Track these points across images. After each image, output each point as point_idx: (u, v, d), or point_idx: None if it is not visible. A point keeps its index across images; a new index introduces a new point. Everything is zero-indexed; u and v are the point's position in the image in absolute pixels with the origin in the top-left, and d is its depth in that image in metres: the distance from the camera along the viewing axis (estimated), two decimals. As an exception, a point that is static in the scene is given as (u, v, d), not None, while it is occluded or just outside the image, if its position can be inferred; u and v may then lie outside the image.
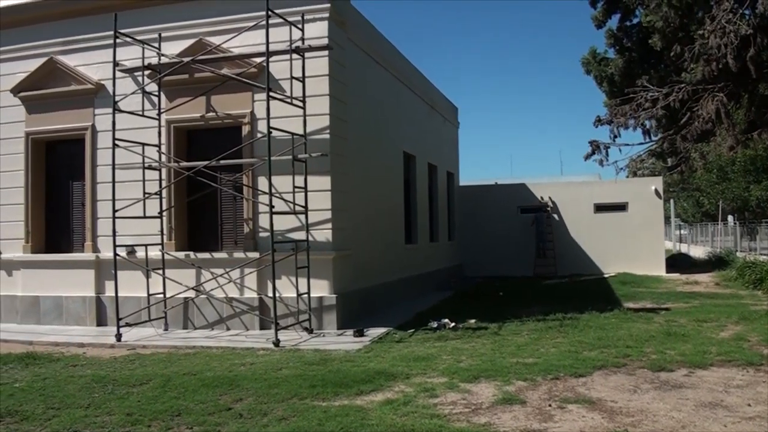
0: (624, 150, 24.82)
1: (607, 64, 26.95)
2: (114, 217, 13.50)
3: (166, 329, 14.05)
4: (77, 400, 8.34)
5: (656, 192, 27.15)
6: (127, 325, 13.60)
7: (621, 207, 27.47)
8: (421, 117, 22.50)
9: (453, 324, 13.41)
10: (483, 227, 28.56)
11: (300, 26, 13.45)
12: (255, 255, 13.58)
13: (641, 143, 25.25)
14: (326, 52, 13.50)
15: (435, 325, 13.42)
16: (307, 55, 13.43)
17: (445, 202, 25.91)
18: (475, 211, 28.74)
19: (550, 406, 7.50)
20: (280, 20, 13.10)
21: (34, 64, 15.69)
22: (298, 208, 13.23)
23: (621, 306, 16.07)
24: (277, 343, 11.76)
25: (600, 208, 27.74)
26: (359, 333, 12.55)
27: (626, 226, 27.06)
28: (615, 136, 23.68)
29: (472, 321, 13.83)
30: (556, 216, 28.17)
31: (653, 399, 7.75)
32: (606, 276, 25.42)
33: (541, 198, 28.28)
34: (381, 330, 13.09)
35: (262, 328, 13.56)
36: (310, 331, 13.11)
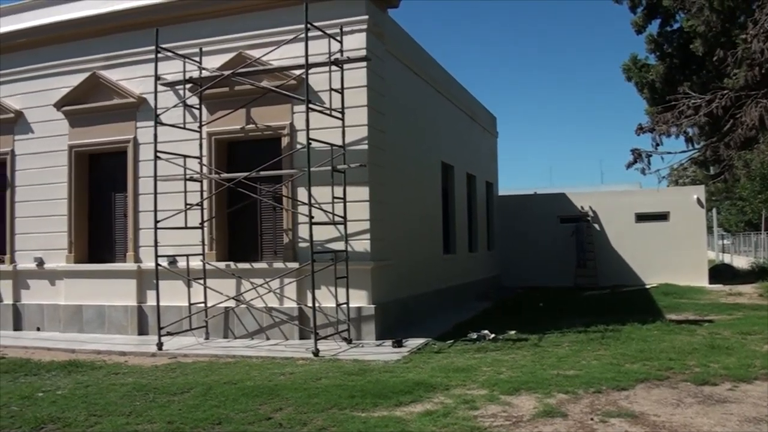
0: (666, 158, 24.42)
1: (648, 71, 26.52)
2: (156, 228, 13.73)
3: (206, 338, 14.21)
4: (119, 407, 8.46)
5: (698, 201, 26.67)
6: (169, 334, 13.79)
7: (662, 216, 27.02)
8: (460, 127, 22.46)
9: (493, 335, 13.32)
10: (522, 237, 28.33)
11: (338, 38, 13.55)
12: (294, 265, 13.67)
13: (683, 151, 24.77)
14: (364, 64, 13.57)
15: (474, 336, 13.33)
16: (345, 66, 13.52)
17: (484, 212, 25.77)
18: (515, 221, 28.52)
19: (592, 419, 7.38)
20: (319, 33, 13.21)
21: (77, 79, 16.08)
22: (337, 219, 13.30)
23: (663, 317, 15.81)
24: (316, 353, 11.81)
25: (641, 217, 27.31)
26: (398, 343, 12.52)
27: (668, 236, 26.59)
28: (657, 144, 23.28)
29: (512, 332, 13.72)
30: (596, 226, 27.82)
31: (696, 413, 7.58)
32: (648, 287, 24.99)
33: (582, 207, 27.96)
34: (420, 341, 13.05)
35: (301, 337, 13.63)
36: (348, 341, 13.14)
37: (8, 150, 16.98)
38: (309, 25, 12.62)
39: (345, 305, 13.26)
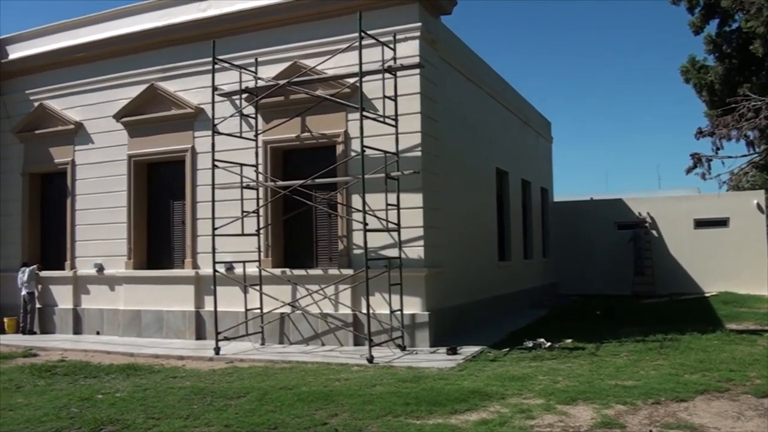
0: (727, 163, 23.76)
1: (706, 72, 25.86)
2: (213, 235, 13.98)
3: (262, 343, 14.39)
4: (177, 410, 8.62)
5: (759, 206, 25.85)
6: (225, 339, 14.01)
7: (722, 222, 26.31)
8: (514, 132, 22.29)
9: (549, 344, 13.15)
10: (578, 244, 27.91)
11: (392, 46, 13.61)
12: (349, 272, 13.75)
13: (744, 155, 24.13)
14: (417, 71, 13.60)
15: (530, 344, 13.19)
16: (398, 74, 13.56)
17: (539, 218, 25.48)
18: (571, 228, 28.10)
19: (650, 431, 7.23)
20: (372, 41, 13.30)
21: (135, 91, 16.56)
22: (391, 226, 13.33)
23: (723, 327, 15.37)
24: (371, 359, 11.84)
25: (700, 223, 26.63)
26: (452, 351, 12.47)
27: (727, 243, 25.86)
28: (717, 149, 22.75)
29: (569, 341, 13.53)
30: (654, 232, 27.23)
31: (758, 427, 7.34)
32: (707, 295, 24.32)
33: (639, 213, 27.40)
34: (474, 348, 12.96)
35: (355, 344, 13.69)
36: (403, 348, 13.13)
37: (69, 160, 17.59)
38: (362, 34, 12.72)
39: (399, 312, 13.28)
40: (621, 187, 63.26)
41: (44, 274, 17.60)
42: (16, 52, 18.73)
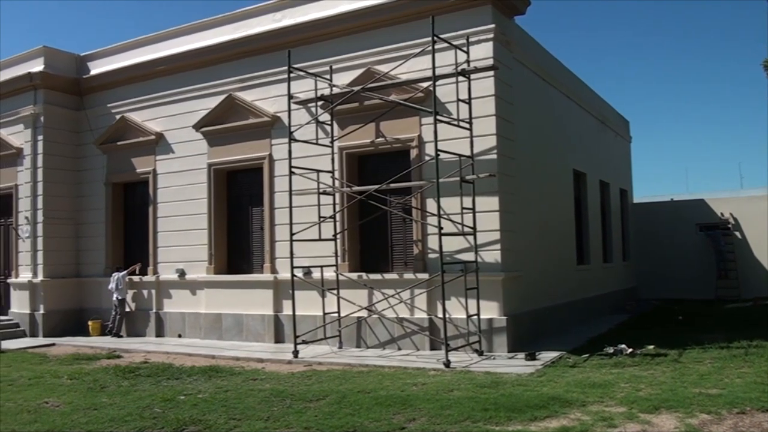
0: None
1: (789, 67, 24.73)
2: (291, 240, 14.20)
3: (340, 347, 14.52)
4: (257, 412, 8.80)
5: None
6: (304, 342, 14.20)
7: (809, 222, 25.07)
8: (591, 132, 21.84)
9: (630, 350, 12.81)
10: (659, 247, 27.12)
11: (465, 49, 13.55)
12: (425, 276, 13.73)
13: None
14: (491, 73, 13.50)
15: (611, 350, 12.89)
16: (472, 76, 13.49)
17: (619, 220, 24.86)
18: (651, 230, 27.35)
19: (737, 442, 6.96)
20: (445, 44, 13.27)
21: (214, 102, 17.04)
22: (466, 229, 13.25)
23: (812, 334, 14.64)
24: (447, 364, 11.78)
25: (786, 224, 25.46)
26: (531, 356, 12.29)
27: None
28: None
29: (650, 347, 13.16)
30: (737, 233, 26.18)
31: None
32: (794, 299, 23.23)
33: (721, 214, 26.42)
34: (553, 354, 12.76)
35: (432, 348, 13.66)
36: (480, 353, 13.02)
37: (150, 169, 18.22)
38: (435, 38, 12.69)
39: (476, 316, 13.17)
40: (702, 186, 61.11)
41: (128, 278, 18.23)
42: (97, 68, 19.59)
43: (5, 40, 59.93)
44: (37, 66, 19.24)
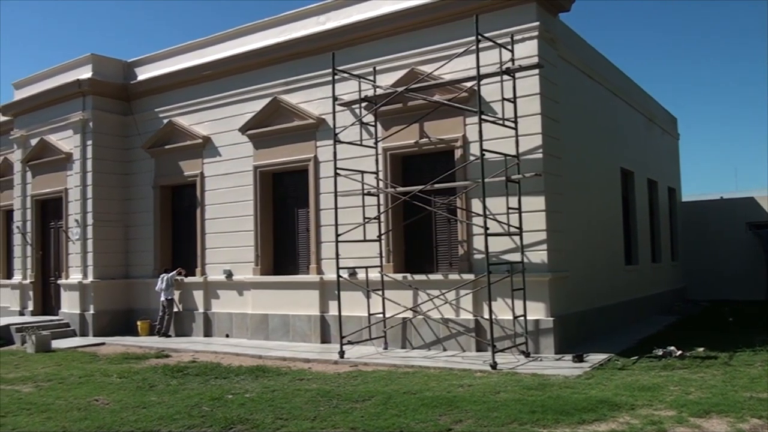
0: None
1: None
2: (336, 241, 14.27)
3: (385, 348, 14.53)
4: (304, 412, 8.87)
5: None
6: (349, 342, 14.25)
7: None
8: (639, 130, 21.47)
9: (680, 352, 12.57)
10: (708, 246, 26.58)
11: (509, 47, 13.43)
12: (470, 277, 13.66)
13: None
14: (536, 71, 13.36)
15: (660, 352, 12.67)
16: (517, 75, 13.37)
17: (667, 219, 24.41)
18: (700, 229, 26.80)
19: (790, 448, 6.76)
20: (490, 43, 13.18)
21: (259, 105, 17.21)
22: (512, 230, 13.14)
23: None
24: (494, 365, 11.70)
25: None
26: (578, 358, 12.13)
27: None
28: None
29: (700, 349, 12.90)
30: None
31: None
32: None
33: (773, 212, 25.74)
34: (601, 356, 12.58)
35: (478, 349, 13.57)
36: (526, 354, 12.90)
37: (198, 172, 18.47)
38: (479, 37, 12.61)
39: (522, 317, 13.04)
40: (752, 184, 59.59)
41: (176, 279, 18.53)
42: (144, 74, 19.97)
43: (54, 49, 61.49)
44: (85, 73, 19.69)
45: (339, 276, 14.33)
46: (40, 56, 65.66)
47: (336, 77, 14.65)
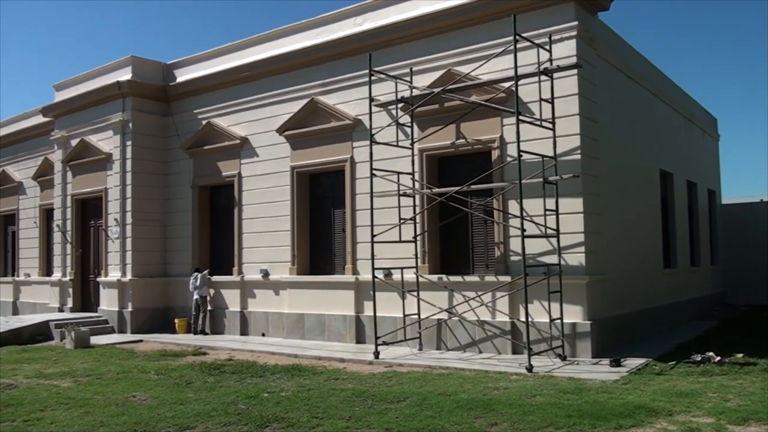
0: None
1: None
2: (372, 242, 14.29)
3: (420, 349, 14.50)
4: (339, 411, 8.89)
5: None
6: (384, 343, 14.26)
7: None
8: (678, 131, 21.14)
9: (718, 358, 12.35)
10: (748, 250, 26.04)
11: (547, 47, 13.32)
12: (506, 279, 13.58)
13: None
14: (575, 71, 13.23)
15: (698, 358, 12.46)
16: (555, 75, 13.26)
17: (707, 222, 24.00)
18: (740, 232, 26.30)
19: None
20: (527, 43, 13.10)
21: (296, 106, 17.32)
22: (549, 232, 13.03)
23: None
24: (530, 368, 11.61)
25: None
26: (616, 363, 11.97)
27: None
28: None
29: (740, 355, 12.68)
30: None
31: None
32: None
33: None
34: (639, 361, 12.41)
35: (514, 352, 13.49)
36: (563, 358, 12.77)
37: (235, 173, 18.65)
38: (517, 37, 12.53)
39: (559, 320, 12.92)
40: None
41: (214, 278, 18.78)
42: (183, 76, 20.24)
43: (94, 51, 62.56)
44: (125, 75, 20.02)
45: (374, 276, 14.33)
46: (81, 57, 66.92)
47: (373, 78, 14.67)
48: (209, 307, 18.71)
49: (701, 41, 62.90)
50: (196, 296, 18.43)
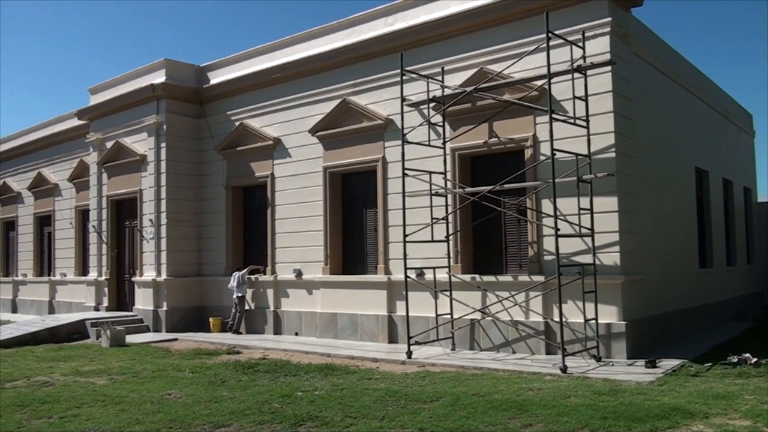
0: None
1: None
2: (404, 242, 14.29)
3: (453, 349, 14.47)
4: (372, 411, 8.91)
5: None
6: (417, 343, 14.24)
7: None
8: (713, 128, 20.82)
9: (755, 359, 12.14)
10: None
11: (580, 44, 13.21)
12: (540, 278, 13.49)
13: None
14: (609, 68, 13.09)
15: (735, 359, 12.26)
16: (588, 72, 13.13)
17: (743, 220, 23.58)
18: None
19: None
20: (560, 41, 13.00)
21: (328, 106, 17.40)
22: (583, 231, 12.92)
23: None
24: (564, 369, 11.52)
25: None
26: (651, 364, 11.83)
27: None
28: None
29: (777, 357, 12.44)
30: None
31: None
32: None
33: None
34: (674, 362, 12.25)
35: (548, 353, 13.40)
36: (597, 358, 12.63)
37: (268, 173, 18.77)
38: (550, 34, 12.43)
39: (593, 321, 12.80)
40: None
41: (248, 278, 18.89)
42: (216, 78, 20.44)
43: (129, 54, 63.40)
44: (159, 78, 20.26)
45: (407, 276, 14.33)
46: (115, 58, 67.87)
47: (404, 78, 14.67)
48: (248, 307, 18.86)
49: (734, 38, 61.84)
50: (234, 296, 18.61)
